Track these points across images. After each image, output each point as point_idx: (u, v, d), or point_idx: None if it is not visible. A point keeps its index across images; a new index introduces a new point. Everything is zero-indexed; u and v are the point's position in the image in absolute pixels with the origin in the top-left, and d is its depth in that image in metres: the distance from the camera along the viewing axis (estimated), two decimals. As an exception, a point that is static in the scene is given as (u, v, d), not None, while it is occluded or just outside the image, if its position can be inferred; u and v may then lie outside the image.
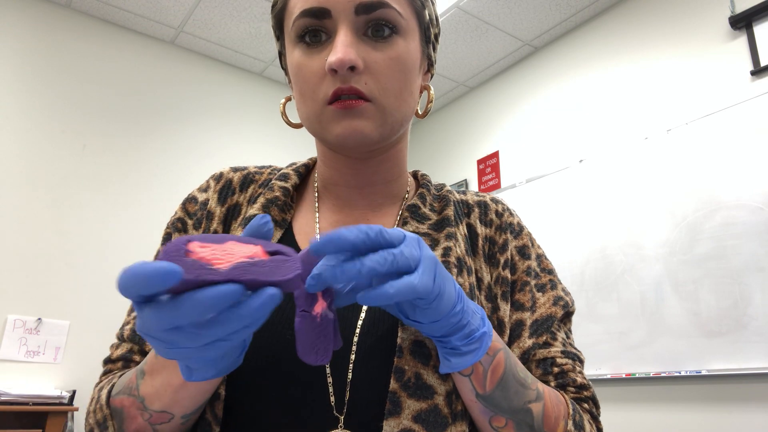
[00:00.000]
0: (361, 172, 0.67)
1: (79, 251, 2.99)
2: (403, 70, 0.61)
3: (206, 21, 3.39)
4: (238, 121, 3.76)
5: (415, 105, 0.66)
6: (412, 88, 0.63)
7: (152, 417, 0.53)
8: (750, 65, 2.51)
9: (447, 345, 0.50)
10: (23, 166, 2.94)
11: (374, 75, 0.59)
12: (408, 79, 0.62)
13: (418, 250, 0.45)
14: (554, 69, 3.44)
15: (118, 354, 0.64)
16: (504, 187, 3.52)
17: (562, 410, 0.57)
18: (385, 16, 0.59)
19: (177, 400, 0.51)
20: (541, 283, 0.68)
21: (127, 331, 0.64)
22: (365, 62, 0.59)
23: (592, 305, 2.80)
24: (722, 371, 2.28)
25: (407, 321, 0.49)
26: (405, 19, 0.61)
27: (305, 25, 0.60)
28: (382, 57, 0.59)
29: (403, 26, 0.61)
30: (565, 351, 0.64)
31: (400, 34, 0.61)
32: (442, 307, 0.46)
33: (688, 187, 2.54)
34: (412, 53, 0.62)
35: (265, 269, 0.39)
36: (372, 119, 0.59)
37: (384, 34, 0.60)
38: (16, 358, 2.73)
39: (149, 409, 0.53)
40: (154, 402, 0.53)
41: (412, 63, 0.63)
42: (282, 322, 0.58)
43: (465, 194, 0.74)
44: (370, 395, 0.55)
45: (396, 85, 0.60)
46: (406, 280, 0.43)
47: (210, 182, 0.71)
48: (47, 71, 3.12)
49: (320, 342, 0.44)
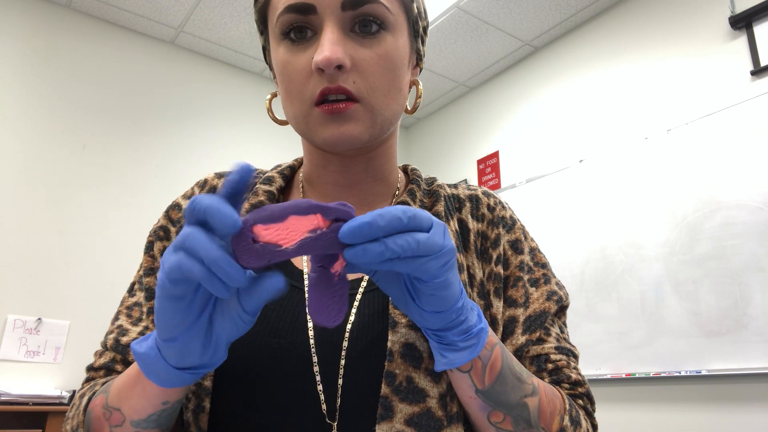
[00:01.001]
0: (350, 171, 0.66)
1: (79, 251, 2.99)
2: (392, 67, 0.59)
3: (206, 21, 3.39)
4: (237, 121, 3.76)
5: (404, 101, 0.64)
6: (401, 84, 0.62)
7: (112, 416, 0.51)
8: (750, 65, 2.50)
9: (443, 340, 0.49)
10: (23, 166, 2.94)
11: (362, 73, 0.57)
12: (397, 76, 0.60)
13: (443, 238, 0.44)
14: (554, 69, 3.44)
15: (100, 363, 0.63)
16: (504, 187, 3.52)
17: (557, 405, 0.57)
18: (373, 11, 0.57)
19: (129, 395, 0.50)
20: (535, 278, 0.67)
21: (110, 340, 0.63)
22: (353, 60, 0.57)
23: (592, 305, 2.80)
24: (722, 371, 2.27)
25: (410, 305, 0.47)
26: (393, 14, 0.59)
27: (290, 21, 0.58)
28: (370, 54, 0.58)
29: (391, 21, 0.59)
30: (559, 347, 0.63)
31: (388, 30, 0.59)
32: (448, 297, 0.46)
33: (688, 187, 2.54)
34: (400, 49, 0.61)
35: (328, 241, 0.40)
36: (361, 121, 0.58)
37: (372, 30, 0.58)
38: (16, 358, 2.73)
39: (109, 406, 0.52)
40: (114, 396, 0.51)
41: (401, 59, 0.61)
42: (267, 331, 0.57)
43: (456, 188, 0.73)
44: (361, 401, 0.54)
45: (385, 83, 0.59)
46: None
47: (195, 189, 0.70)
48: (47, 71, 3.12)
49: (334, 302, 0.43)
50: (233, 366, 0.55)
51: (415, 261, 0.42)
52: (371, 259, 0.40)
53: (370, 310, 0.58)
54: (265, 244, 0.39)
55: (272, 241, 0.39)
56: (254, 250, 0.38)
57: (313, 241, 0.40)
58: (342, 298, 0.43)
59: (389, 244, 0.40)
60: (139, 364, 0.45)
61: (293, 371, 0.55)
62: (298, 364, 0.55)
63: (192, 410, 0.55)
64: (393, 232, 0.41)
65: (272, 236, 0.39)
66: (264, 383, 0.55)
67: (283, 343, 0.56)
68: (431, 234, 0.42)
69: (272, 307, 0.58)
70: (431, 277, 0.43)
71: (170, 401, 0.49)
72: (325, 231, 0.40)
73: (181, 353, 0.43)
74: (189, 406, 0.56)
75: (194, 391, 0.56)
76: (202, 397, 0.55)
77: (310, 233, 0.40)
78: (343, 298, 0.43)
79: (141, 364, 0.45)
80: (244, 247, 0.38)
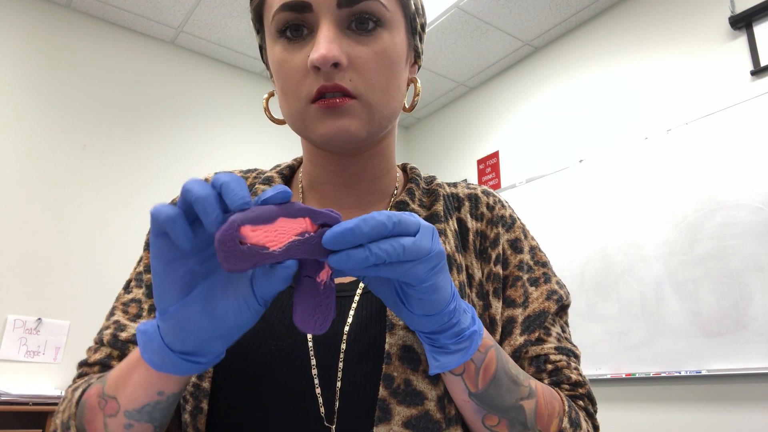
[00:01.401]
0: (348, 169, 0.65)
1: (79, 251, 2.99)
2: (390, 65, 0.59)
3: (206, 21, 3.39)
4: (237, 121, 3.76)
5: (402, 99, 0.64)
6: (399, 82, 0.61)
7: (107, 405, 0.50)
8: (750, 65, 2.50)
9: (435, 343, 0.49)
10: (23, 166, 2.94)
11: (359, 71, 0.57)
12: (395, 74, 0.60)
13: (430, 242, 0.44)
14: (554, 69, 3.44)
15: (96, 358, 0.62)
16: (504, 187, 3.52)
17: (556, 407, 0.56)
18: (369, 8, 0.57)
19: (125, 383, 0.49)
20: (534, 277, 0.66)
21: (107, 335, 0.62)
22: (349, 57, 0.57)
23: (592, 305, 2.80)
24: (722, 371, 2.27)
25: (401, 309, 0.47)
26: (390, 10, 0.59)
27: (285, 19, 0.58)
28: (367, 51, 0.57)
29: (388, 18, 0.59)
30: (560, 347, 0.62)
31: (385, 27, 0.59)
32: (438, 300, 0.45)
33: (688, 187, 2.54)
34: (398, 46, 0.60)
35: (315, 246, 0.40)
36: (358, 117, 0.57)
37: (368, 27, 0.57)
38: (16, 358, 2.73)
39: (105, 394, 0.51)
40: (111, 384, 0.51)
41: (399, 56, 0.61)
42: (266, 333, 0.56)
43: (455, 187, 0.72)
44: (359, 404, 0.53)
45: (382, 81, 0.58)
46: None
47: None
48: (47, 71, 3.12)
49: (321, 311, 0.43)
50: (232, 368, 0.55)
51: (401, 266, 0.42)
52: (355, 265, 0.40)
53: (367, 312, 0.57)
54: (252, 246, 0.38)
55: (260, 243, 0.38)
56: (240, 252, 0.38)
57: (300, 245, 0.40)
58: (328, 306, 0.43)
59: (374, 249, 0.40)
60: (138, 341, 0.45)
61: (291, 373, 0.55)
62: (297, 366, 0.55)
63: (190, 412, 0.55)
64: (378, 237, 0.40)
65: (260, 238, 0.39)
66: (262, 385, 0.54)
67: (281, 346, 0.56)
68: (417, 238, 0.42)
69: (271, 310, 0.58)
70: (419, 281, 0.43)
71: (166, 392, 0.48)
72: (312, 235, 0.40)
73: (177, 331, 0.42)
74: (187, 407, 0.55)
75: (192, 392, 0.55)
76: (200, 399, 0.55)
77: (297, 236, 0.40)
78: (329, 307, 0.43)
79: (139, 341, 0.44)
80: (230, 247, 0.37)
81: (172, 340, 0.43)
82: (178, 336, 0.42)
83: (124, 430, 0.50)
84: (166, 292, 0.42)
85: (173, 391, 0.49)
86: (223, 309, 0.42)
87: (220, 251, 0.37)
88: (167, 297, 0.42)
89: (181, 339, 0.43)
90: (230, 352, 0.55)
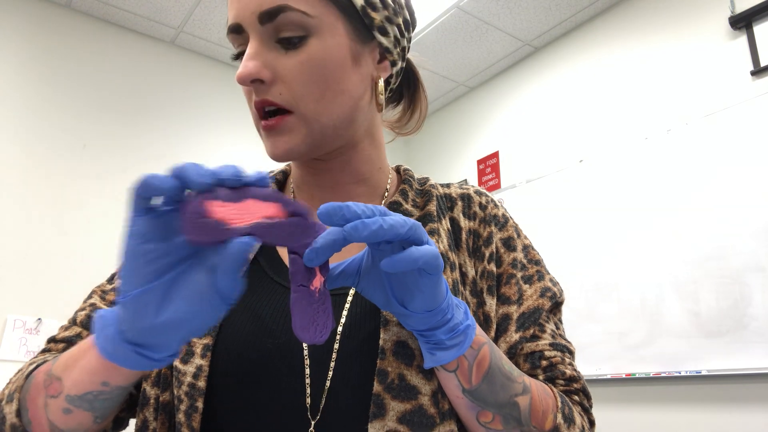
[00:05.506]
0: (328, 173, 0.67)
1: (80, 251, 2.99)
2: (320, 72, 0.58)
3: (206, 21, 3.39)
4: (238, 122, 3.76)
5: (353, 103, 0.62)
6: (340, 86, 0.60)
7: (51, 384, 0.49)
8: (750, 65, 2.50)
9: (431, 339, 0.49)
10: (23, 166, 2.94)
11: (287, 83, 0.57)
12: (331, 79, 0.59)
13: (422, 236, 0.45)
14: (554, 69, 3.44)
15: (63, 335, 0.62)
16: (504, 188, 3.52)
17: (550, 403, 0.57)
18: (289, 20, 0.57)
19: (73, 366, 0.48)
20: (528, 275, 0.67)
21: (81, 315, 0.63)
22: (275, 71, 0.57)
23: (591, 305, 2.80)
24: (722, 371, 2.27)
25: (398, 309, 0.47)
26: (314, 16, 0.57)
27: (233, 41, 0.61)
28: (292, 63, 0.57)
29: (314, 24, 0.58)
30: (554, 343, 0.63)
31: (313, 34, 0.58)
32: (439, 293, 0.46)
33: (688, 187, 2.54)
34: (331, 50, 0.59)
35: (284, 233, 0.39)
36: (295, 131, 0.58)
37: (293, 39, 0.57)
38: (16, 358, 2.73)
39: (52, 374, 0.50)
40: (59, 365, 0.50)
41: (333, 60, 0.59)
42: (262, 331, 0.57)
43: (449, 187, 0.73)
44: (354, 399, 0.54)
45: (314, 89, 0.58)
46: (427, 247, 0.43)
47: None
48: (47, 71, 3.12)
49: (319, 317, 0.43)
50: (227, 366, 0.56)
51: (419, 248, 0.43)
52: (370, 233, 0.40)
53: (361, 310, 0.58)
54: (212, 220, 0.37)
55: (223, 219, 0.38)
56: (202, 224, 0.37)
57: (268, 228, 0.39)
58: (326, 312, 0.43)
59: (386, 218, 0.41)
60: (95, 325, 0.44)
61: (287, 371, 0.55)
62: (292, 364, 0.55)
63: (184, 411, 0.55)
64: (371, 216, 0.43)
65: (224, 214, 0.38)
66: (258, 383, 0.55)
67: (277, 344, 0.56)
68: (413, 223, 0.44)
69: (268, 310, 0.58)
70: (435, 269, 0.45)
71: (110, 384, 0.47)
72: (282, 221, 0.40)
73: (134, 318, 0.41)
74: (181, 407, 0.55)
75: (187, 392, 0.55)
76: (196, 398, 0.55)
77: (266, 219, 0.39)
78: (327, 313, 0.43)
79: (96, 325, 0.44)
80: (192, 218, 0.37)
81: (127, 328, 0.41)
82: (135, 324, 0.41)
83: (62, 414, 0.49)
84: (134, 274, 0.40)
85: (118, 384, 0.47)
86: (183, 297, 0.40)
87: (184, 222, 0.37)
88: (133, 280, 0.40)
89: (137, 327, 0.41)
90: (226, 351, 0.56)
